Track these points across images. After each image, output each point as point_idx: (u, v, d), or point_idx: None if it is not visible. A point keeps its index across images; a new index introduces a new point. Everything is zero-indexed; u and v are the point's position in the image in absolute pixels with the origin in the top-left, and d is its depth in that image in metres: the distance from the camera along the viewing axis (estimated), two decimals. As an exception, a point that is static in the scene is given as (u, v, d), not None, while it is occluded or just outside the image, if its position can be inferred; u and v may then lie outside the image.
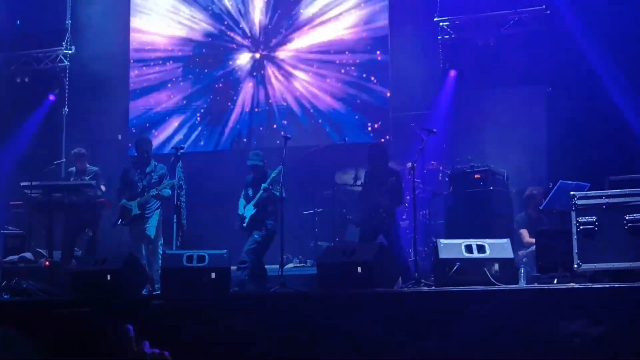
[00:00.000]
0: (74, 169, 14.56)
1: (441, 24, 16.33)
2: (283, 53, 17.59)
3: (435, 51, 16.32)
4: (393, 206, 12.34)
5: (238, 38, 17.86)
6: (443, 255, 9.66)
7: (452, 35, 16.32)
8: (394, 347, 8.57)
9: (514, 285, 9.46)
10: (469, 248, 9.64)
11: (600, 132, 13.38)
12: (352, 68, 17.01)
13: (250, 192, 12.72)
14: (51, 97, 18.28)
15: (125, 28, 18.36)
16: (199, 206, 14.60)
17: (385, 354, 8.60)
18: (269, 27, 17.70)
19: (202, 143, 17.75)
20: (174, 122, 17.94)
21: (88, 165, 14.50)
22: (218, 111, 17.78)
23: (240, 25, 17.85)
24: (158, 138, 17.44)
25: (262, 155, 12.80)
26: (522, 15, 15.71)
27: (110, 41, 17.75)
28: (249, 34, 17.80)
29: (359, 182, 13.57)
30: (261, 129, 17.47)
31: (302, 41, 17.45)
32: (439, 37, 16.34)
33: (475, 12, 16.12)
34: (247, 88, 17.71)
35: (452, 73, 16.12)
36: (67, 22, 18.29)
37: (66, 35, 18.28)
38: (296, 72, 17.41)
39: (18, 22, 18.29)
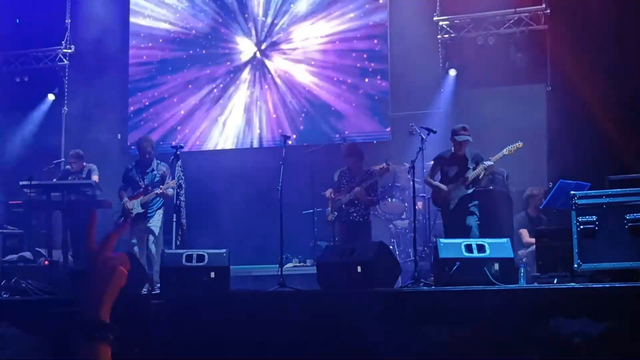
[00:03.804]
0: (69, 167, 14.58)
1: (441, 23, 16.32)
2: (283, 50, 17.58)
3: (434, 50, 16.32)
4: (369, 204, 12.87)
5: (239, 34, 17.83)
6: (443, 254, 9.66)
7: (452, 35, 16.31)
8: (393, 347, 8.56)
9: (513, 285, 9.46)
10: (468, 248, 9.63)
11: (600, 131, 13.36)
12: (352, 67, 17.01)
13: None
14: (50, 97, 18.25)
15: (125, 26, 18.35)
16: (199, 205, 14.56)
17: (384, 353, 8.59)
18: (270, 23, 17.67)
19: (202, 141, 17.73)
20: (174, 120, 17.92)
21: (85, 164, 14.53)
22: (218, 109, 17.75)
23: (241, 21, 17.81)
24: (157, 136, 17.39)
25: None
26: (522, 15, 15.72)
27: (109, 40, 17.73)
28: (249, 30, 17.78)
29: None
30: (262, 127, 17.44)
31: (302, 38, 17.44)
32: (439, 37, 16.34)
33: (475, 12, 16.13)
34: (248, 85, 17.68)
35: (452, 72, 16.13)
36: (66, 21, 18.27)
37: (66, 35, 18.27)
38: (297, 69, 17.39)
39: (17, 21, 18.27)
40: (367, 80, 16.88)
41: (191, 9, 18.13)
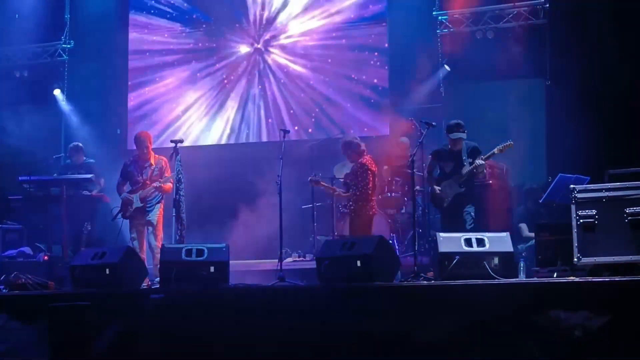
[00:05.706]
0: (69, 161, 14.60)
1: (440, 17, 16.31)
2: (283, 45, 17.57)
3: (434, 45, 16.29)
4: (354, 198, 12.62)
5: (239, 29, 17.80)
6: (442, 249, 9.64)
7: (451, 29, 16.29)
8: (393, 341, 8.56)
9: (513, 279, 9.45)
10: (468, 242, 9.62)
11: (600, 125, 13.35)
12: (351, 61, 17.01)
13: None
14: (56, 92, 18.18)
15: (125, 21, 18.34)
16: (199, 199, 14.54)
17: (384, 347, 8.59)
18: (269, 17, 17.65)
19: (201, 136, 17.73)
20: (174, 115, 17.91)
21: (84, 158, 14.55)
22: (218, 103, 17.75)
23: (240, 16, 17.79)
24: (157, 131, 17.41)
25: None
26: (521, 9, 15.71)
27: (109, 34, 17.75)
28: (249, 25, 17.75)
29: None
30: (261, 121, 17.43)
31: (301, 32, 17.44)
32: (438, 31, 16.32)
33: (474, 6, 16.11)
34: (246, 80, 17.66)
35: (446, 67, 16.09)
36: (66, 16, 18.26)
37: (65, 30, 18.26)
38: (296, 65, 17.37)
39: (17, 16, 18.23)
40: (366, 74, 16.86)
41: (191, 4, 18.10)
